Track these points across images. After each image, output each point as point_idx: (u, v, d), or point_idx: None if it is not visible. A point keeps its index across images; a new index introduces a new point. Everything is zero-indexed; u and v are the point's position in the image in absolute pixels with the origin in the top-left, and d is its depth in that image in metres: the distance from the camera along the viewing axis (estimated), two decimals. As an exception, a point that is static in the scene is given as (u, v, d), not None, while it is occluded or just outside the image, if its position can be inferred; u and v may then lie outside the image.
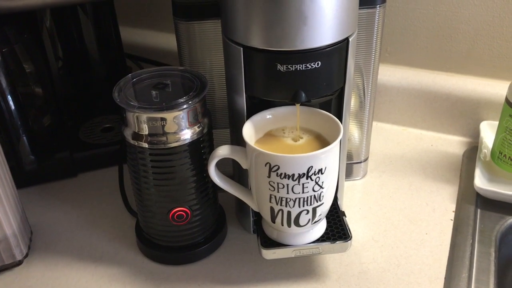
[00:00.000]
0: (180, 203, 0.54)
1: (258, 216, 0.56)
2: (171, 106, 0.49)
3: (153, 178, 0.53)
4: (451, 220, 0.64)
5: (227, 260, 0.59)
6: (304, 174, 0.47)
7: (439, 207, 0.66)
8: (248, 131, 0.51)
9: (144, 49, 0.91)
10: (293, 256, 0.54)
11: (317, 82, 0.49)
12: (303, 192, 0.48)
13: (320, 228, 0.54)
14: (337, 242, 0.53)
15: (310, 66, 0.48)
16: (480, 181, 0.65)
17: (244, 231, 0.63)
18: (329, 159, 0.48)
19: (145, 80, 0.54)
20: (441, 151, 0.76)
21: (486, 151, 0.71)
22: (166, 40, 0.91)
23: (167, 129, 0.50)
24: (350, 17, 0.49)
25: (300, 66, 0.48)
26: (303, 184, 0.48)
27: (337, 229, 0.55)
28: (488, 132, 0.74)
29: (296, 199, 0.49)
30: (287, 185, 0.48)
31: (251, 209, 0.57)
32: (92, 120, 0.79)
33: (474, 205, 0.65)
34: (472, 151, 0.75)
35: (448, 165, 0.73)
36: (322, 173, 0.48)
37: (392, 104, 0.81)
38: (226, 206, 0.63)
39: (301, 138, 0.53)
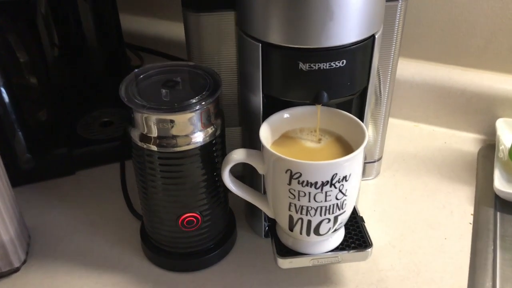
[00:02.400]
0: (190, 209, 0.51)
1: (272, 221, 0.53)
2: (183, 107, 0.45)
3: (162, 183, 0.49)
4: (470, 224, 0.61)
5: (238, 267, 0.56)
6: (328, 182, 0.44)
7: (457, 209, 0.63)
8: (265, 133, 0.48)
9: (145, 39, 0.87)
10: (310, 265, 0.51)
11: (341, 82, 0.46)
12: (325, 201, 0.45)
13: (339, 235, 0.51)
14: (357, 250, 0.51)
15: (334, 65, 0.44)
16: (500, 183, 0.63)
17: (254, 234, 0.60)
18: (354, 165, 0.45)
19: (153, 76, 0.50)
20: (455, 149, 0.74)
21: (503, 148, 0.68)
22: (168, 29, 0.87)
23: (178, 131, 0.46)
24: (378, 12, 0.45)
25: (324, 65, 0.44)
26: (326, 192, 0.45)
27: (356, 236, 0.52)
28: (505, 130, 0.71)
29: (318, 207, 0.46)
30: (309, 193, 0.45)
31: (263, 212, 0.54)
32: (90, 114, 0.75)
33: (493, 207, 0.63)
34: (487, 149, 0.72)
35: (463, 164, 0.71)
36: (346, 181, 0.45)
37: (404, 99, 0.78)
38: (234, 207, 0.60)
39: (321, 140, 0.50)
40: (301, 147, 0.49)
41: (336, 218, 0.47)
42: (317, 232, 0.48)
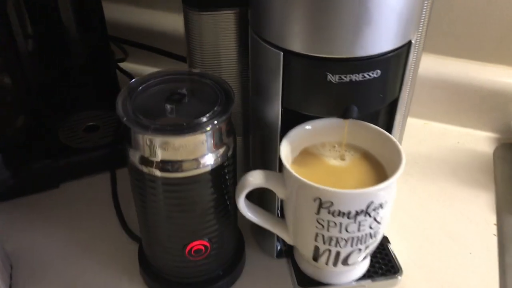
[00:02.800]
0: (199, 236, 0.45)
1: (288, 245, 0.48)
2: (193, 127, 0.39)
3: (167, 210, 0.43)
4: (494, 235, 0.57)
5: (250, 295, 0.50)
6: (362, 210, 0.38)
7: (478, 218, 0.59)
8: (286, 152, 0.42)
9: (128, 30, 0.79)
10: (334, 295, 0.45)
11: (373, 94, 0.40)
12: (358, 231, 0.40)
13: (365, 262, 0.46)
14: (386, 278, 0.46)
15: (368, 76, 0.38)
16: (524, 190, 0.58)
17: (264, 254, 0.54)
18: (391, 190, 0.39)
19: (154, 86, 0.43)
20: (469, 149, 0.69)
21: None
22: (155, 19, 0.79)
23: (186, 155, 0.40)
24: (417, 14, 0.39)
25: (356, 76, 0.38)
26: (359, 222, 0.39)
27: (383, 260, 0.48)
28: (522, 129, 0.67)
29: (349, 238, 0.40)
30: (340, 223, 0.39)
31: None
32: (72, 117, 0.67)
33: (517, 216, 0.58)
34: (504, 149, 0.68)
35: (479, 166, 0.66)
36: (382, 208, 0.39)
37: (414, 96, 0.72)
38: (240, 222, 0.54)
39: (346, 157, 0.44)
40: (325, 167, 0.43)
41: (367, 247, 0.42)
42: (345, 262, 0.43)
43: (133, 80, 0.43)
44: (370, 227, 0.40)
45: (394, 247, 0.54)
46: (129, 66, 0.81)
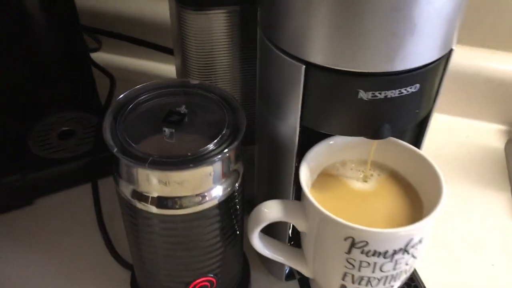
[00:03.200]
0: (203, 274, 0.39)
1: (303, 275, 0.42)
2: (199, 160, 0.32)
3: (166, 248, 0.37)
4: (515, 242, 0.53)
5: (258, 326, 0.45)
6: (401, 249, 0.33)
7: (497, 224, 0.55)
8: (306, 177, 0.36)
9: (104, 19, 0.70)
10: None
11: (409, 111, 0.34)
12: (393, 269, 0.34)
13: (390, 290, 0.41)
14: (412, 308, 0.41)
15: (405, 92, 0.32)
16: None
17: (271, 277, 0.49)
18: (431, 224, 0.34)
19: (146, 103, 0.36)
20: (479, 144, 0.65)
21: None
22: (132, 6, 0.70)
23: (190, 190, 0.33)
24: (459, 19, 0.33)
25: (392, 92, 0.32)
26: (396, 260, 0.34)
27: (408, 285, 0.42)
28: (536, 122, 0.62)
29: (382, 277, 0.35)
30: (375, 263, 0.34)
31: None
32: (43, 121, 0.59)
33: (538, 220, 0.54)
34: (515, 143, 0.64)
35: (491, 163, 0.62)
36: (421, 243, 0.34)
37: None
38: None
39: (371, 178, 0.38)
40: (348, 191, 0.37)
41: (399, 283, 0.37)
42: (373, 300, 0.37)
43: (120, 96, 0.36)
44: (406, 264, 0.35)
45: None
46: (103, 56, 0.73)
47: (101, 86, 0.64)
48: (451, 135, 0.66)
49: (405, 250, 0.33)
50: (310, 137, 0.38)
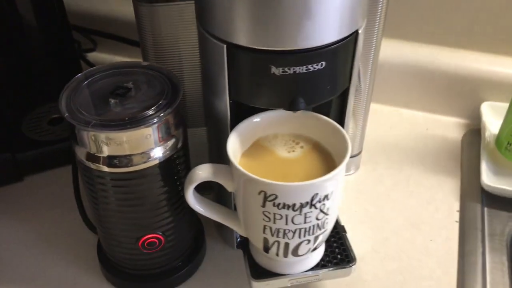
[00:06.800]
0: (151, 230, 0.45)
1: (244, 238, 0.48)
2: (136, 121, 0.38)
3: (117, 205, 0.43)
4: (456, 222, 0.57)
5: (209, 286, 0.50)
6: (307, 203, 0.38)
7: (442, 206, 0.59)
8: (234, 145, 0.42)
9: (94, 19, 0.77)
10: (289, 285, 0.46)
11: (320, 86, 0.40)
12: (305, 223, 0.40)
13: (319, 251, 0.46)
14: (340, 267, 0.46)
15: (312, 68, 0.38)
16: (487, 177, 0.58)
17: (225, 245, 0.54)
18: (336, 182, 0.39)
19: (100, 81, 0.43)
20: (438, 136, 0.69)
21: (489, 135, 0.63)
22: (122, 7, 0.77)
23: (132, 149, 0.39)
24: (362, 3, 0.39)
25: (300, 68, 0.38)
26: (305, 213, 0.39)
27: (338, 249, 0.48)
28: (490, 115, 0.67)
29: (296, 230, 0.40)
30: (286, 215, 0.39)
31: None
32: (35, 110, 0.66)
33: (480, 203, 0.59)
34: (472, 135, 0.68)
35: (447, 153, 0.66)
36: (328, 199, 0.39)
37: (383, 82, 0.72)
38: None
39: (297, 148, 0.44)
40: (275, 158, 0.43)
41: (316, 238, 0.42)
42: (295, 253, 0.43)
43: (78, 74, 0.42)
44: (317, 218, 0.40)
45: (355, 236, 0.54)
46: (99, 56, 0.80)
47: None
48: (412, 128, 0.70)
49: (312, 204, 0.38)
50: (254, 112, 0.44)
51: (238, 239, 0.52)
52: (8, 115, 0.65)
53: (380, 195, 0.60)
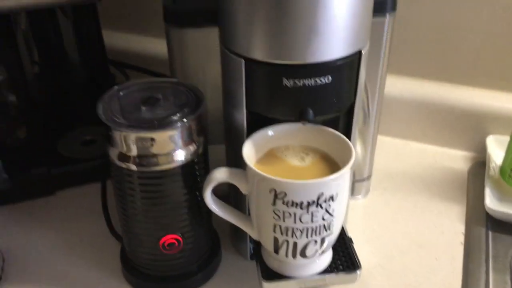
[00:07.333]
0: (171, 230, 0.49)
1: (257, 244, 0.51)
2: (163, 124, 0.43)
3: (142, 203, 0.47)
4: (462, 243, 0.60)
5: (223, 292, 0.53)
6: (314, 201, 0.42)
7: (448, 229, 0.61)
8: (249, 151, 0.46)
9: (129, 55, 0.85)
10: (296, 288, 0.49)
11: (327, 99, 0.45)
12: (312, 222, 0.43)
13: (326, 257, 0.49)
14: (345, 273, 0.49)
15: (320, 81, 0.43)
16: (491, 202, 0.61)
17: (239, 256, 0.58)
18: (341, 184, 0.43)
19: (134, 93, 0.48)
20: (445, 166, 0.72)
21: (494, 166, 0.67)
22: (153, 45, 0.85)
23: (158, 150, 0.44)
24: (364, 27, 0.44)
25: (309, 81, 0.43)
26: (312, 212, 0.43)
27: (344, 257, 0.50)
28: (495, 147, 0.70)
29: (304, 229, 0.44)
30: (295, 214, 0.43)
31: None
32: (71, 132, 0.73)
33: (485, 227, 0.61)
34: (478, 166, 0.71)
35: (453, 182, 0.69)
36: (333, 200, 0.43)
37: (393, 116, 0.77)
38: (218, 227, 0.58)
39: (307, 158, 0.48)
40: (286, 166, 0.47)
41: (323, 240, 0.45)
42: (303, 254, 0.46)
43: (115, 86, 0.48)
44: (323, 219, 0.44)
45: (362, 251, 0.57)
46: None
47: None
48: (420, 159, 0.74)
49: (318, 204, 0.42)
50: (268, 123, 0.48)
51: (251, 252, 0.56)
52: (47, 136, 0.71)
53: (387, 217, 0.63)
